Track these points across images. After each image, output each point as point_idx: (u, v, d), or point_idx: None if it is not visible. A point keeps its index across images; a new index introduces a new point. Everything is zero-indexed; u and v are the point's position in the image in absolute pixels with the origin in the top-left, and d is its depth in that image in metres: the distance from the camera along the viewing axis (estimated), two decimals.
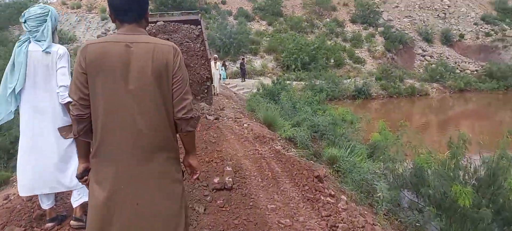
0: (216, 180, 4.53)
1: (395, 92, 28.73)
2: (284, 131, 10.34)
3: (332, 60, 32.48)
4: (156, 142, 1.98)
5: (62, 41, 29.93)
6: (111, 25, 33.71)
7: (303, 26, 37.74)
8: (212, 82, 13.18)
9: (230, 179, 4.56)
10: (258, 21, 38.95)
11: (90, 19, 35.32)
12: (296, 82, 27.74)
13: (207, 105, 11.31)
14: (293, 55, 30.21)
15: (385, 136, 10.24)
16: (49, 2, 39.44)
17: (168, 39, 13.71)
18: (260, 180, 4.72)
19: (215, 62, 15.98)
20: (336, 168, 8.32)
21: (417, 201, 7.48)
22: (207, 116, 9.26)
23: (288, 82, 24.60)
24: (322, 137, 11.80)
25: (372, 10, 39.99)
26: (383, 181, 7.36)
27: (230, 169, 4.82)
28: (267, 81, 25.83)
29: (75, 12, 36.70)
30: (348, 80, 28.77)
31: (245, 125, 8.55)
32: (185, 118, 2.02)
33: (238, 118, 9.71)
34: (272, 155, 5.60)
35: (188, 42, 13.71)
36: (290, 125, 11.50)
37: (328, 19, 40.28)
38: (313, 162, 7.84)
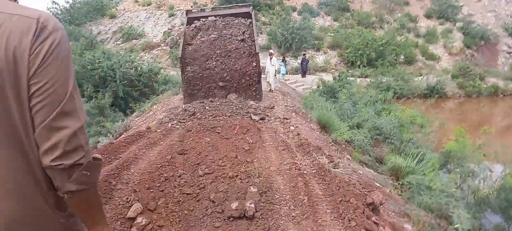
0: (234, 206, 3.44)
1: (475, 92, 25.46)
2: (340, 133, 8.99)
3: (402, 57, 29.80)
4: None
5: (131, 36, 30.85)
6: (177, 21, 34.19)
7: (372, 22, 35.21)
8: (259, 79, 12.09)
9: (253, 205, 3.43)
10: (323, 17, 37.13)
11: (158, 16, 36.11)
12: (360, 79, 25.75)
13: (255, 103, 10.27)
14: (359, 51, 28.12)
15: (462, 144, 8.44)
16: (122, 1, 41.21)
17: (217, 38, 12.90)
18: (292, 206, 3.55)
19: (271, 58, 14.88)
20: (400, 182, 6.84)
21: (506, 225, 5.95)
22: (252, 115, 8.21)
23: (351, 79, 22.79)
24: (386, 141, 10.23)
25: (450, 4, 36.16)
26: (461, 203, 5.80)
27: (256, 190, 3.70)
28: (328, 77, 24.26)
29: (145, 9, 37.81)
30: (420, 77, 26.09)
31: (291, 127, 7.34)
32: (57, 167, 1.02)
33: (286, 119, 8.52)
34: (314, 171, 4.36)
35: (236, 37, 12.84)
36: (348, 126, 10.09)
37: (399, 14, 37.23)
38: (370, 177, 6.45)
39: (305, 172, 4.30)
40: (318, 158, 4.79)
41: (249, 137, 5.87)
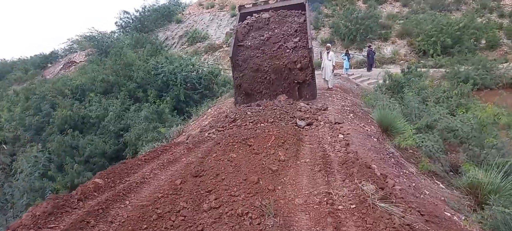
0: None
1: None
2: (404, 138, 7.57)
3: (483, 41, 26.17)
4: None
5: (196, 40, 31.23)
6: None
7: (447, 4, 31.57)
8: (312, 76, 11.01)
9: None
10: (391, 3, 34.20)
11: (221, 17, 36.17)
12: (434, 69, 23.02)
13: (306, 105, 9.17)
14: (432, 37, 25.20)
15: None
16: (188, 5, 42.12)
17: (270, 35, 11.99)
18: None
19: (328, 52, 13.57)
20: (482, 202, 5.35)
21: None
22: (298, 120, 7.17)
23: (423, 70, 20.36)
24: (462, 145, 8.51)
25: None
26: None
27: None
28: (396, 70, 22.04)
29: (208, 12, 38.15)
30: (506, 64, 22.60)
31: (340, 135, 6.17)
32: None
33: (338, 123, 7.32)
34: (353, 206, 3.26)
35: (289, 33, 11.87)
36: (415, 128, 8.56)
37: None
38: (439, 197, 5.08)
39: (340, 207, 3.22)
40: (362, 185, 3.64)
41: (283, 151, 4.88)
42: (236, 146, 5.14)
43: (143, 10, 35.38)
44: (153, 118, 15.10)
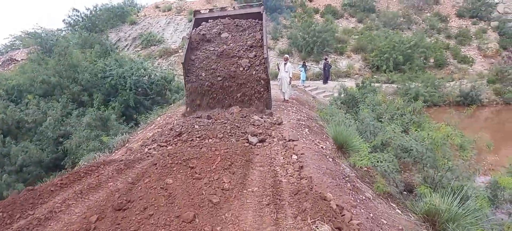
0: None
1: None
2: (360, 158, 7.20)
3: (432, 60, 27.28)
4: None
5: (150, 43, 29.91)
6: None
7: (399, 23, 32.72)
8: (267, 87, 10.63)
9: None
10: (347, 18, 34.94)
11: (178, 21, 35.06)
12: (386, 85, 23.55)
13: (260, 118, 8.61)
14: (385, 54, 25.85)
15: None
16: (143, 7, 40.57)
17: (225, 43, 11.45)
18: None
19: (285, 63, 13.18)
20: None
21: None
22: (249, 136, 6.56)
23: (376, 85, 20.67)
24: (417, 165, 8.34)
25: (484, 2, 33.07)
26: None
27: None
28: (351, 83, 22.26)
29: (165, 15, 36.89)
30: (452, 82, 23.58)
31: (294, 156, 5.63)
32: None
33: (292, 140, 6.80)
34: None
35: (245, 42, 11.44)
36: (370, 146, 8.26)
37: (428, 14, 34.55)
38: (397, 227, 4.67)
39: None
40: (316, 227, 3.07)
41: (229, 175, 4.24)
42: (175, 169, 4.41)
43: (94, 8, 33.45)
44: (96, 125, 13.86)
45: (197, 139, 6.32)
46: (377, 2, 36.80)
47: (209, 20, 12.56)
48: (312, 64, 26.80)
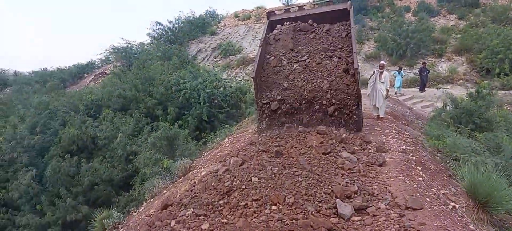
0: None
1: None
2: None
3: None
4: None
5: (229, 52, 28.58)
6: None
7: (511, 17, 26.80)
8: (358, 103, 8.04)
9: None
10: (444, 16, 29.77)
11: (256, 29, 33.32)
12: (502, 92, 18.73)
13: (350, 157, 5.85)
14: (498, 55, 20.76)
15: None
16: (224, 17, 39.81)
17: (303, 50, 9.13)
18: None
19: (381, 72, 10.09)
20: None
21: None
22: (338, 202, 3.90)
23: (484, 91, 16.21)
24: None
25: None
26: None
27: None
28: (457, 91, 18.01)
29: (244, 23, 35.48)
30: None
31: None
32: None
33: (412, 208, 3.97)
34: None
35: (328, 48, 8.97)
36: None
37: None
38: None
39: None
40: None
41: None
42: None
43: (176, 21, 33.36)
44: (161, 144, 12.27)
45: (253, 202, 3.89)
46: None
47: (285, 23, 10.19)
48: (405, 70, 22.79)
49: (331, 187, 4.20)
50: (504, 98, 17.80)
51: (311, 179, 4.34)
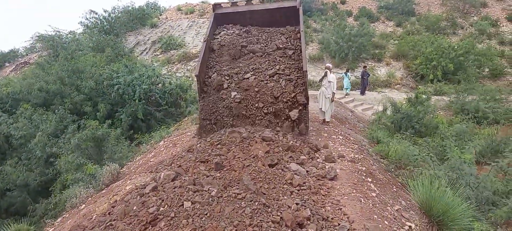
0: None
1: None
2: None
3: (487, 69, 23.08)
4: None
5: (170, 47, 27.01)
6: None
7: (443, 27, 28.56)
8: (305, 105, 7.66)
9: None
10: (383, 22, 30.98)
11: (200, 24, 32.08)
12: (435, 97, 19.65)
13: (299, 169, 5.23)
14: (432, 62, 21.86)
15: None
16: (166, 9, 37.95)
17: (250, 49, 8.45)
18: None
19: (325, 75, 9.71)
20: None
21: None
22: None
23: (423, 97, 16.84)
24: None
25: None
26: None
27: None
28: (394, 95, 18.54)
29: (187, 17, 33.99)
30: None
31: None
32: None
33: None
34: None
35: (275, 47, 8.48)
36: (488, 222, 4.79)
37: (475, 17, 30.19)
38: None
39: None
40: None
41: None
42: None
43: (113, 10, 30.86)
44: (86, 146, 10.81)
45: None
46: (417, 4, 32.69)
47: (231, 16, 9.53)
48: (343, 73, 23.17)
49: (280, 213, 3.48)
50: (437, 103, 18.65)
51: (256, 203, 3.58)
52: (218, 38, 9.13)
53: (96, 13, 29.26)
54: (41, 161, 12.64)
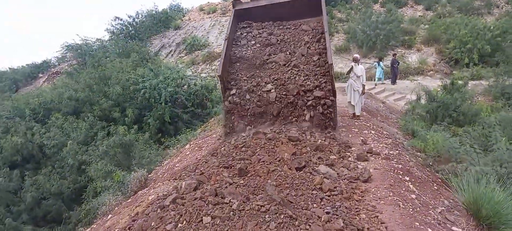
0: None
1: None
2: None
3: None
4: None
5: (194, 48, 27.06)
6: None
7: (476, 7, 26.97)
8: (332, 101, 7.30)
9: None
10: (412, 6, 29.65)
11: (223, 23, 31.98)
12: (472, 82, 18.52)
13: (329, 172, 4.85)
14: (467, 45, 20.62)
15: None
16: (189, 10, 38.15)
17: (274, 44, 8.19)
18: None
19: (355, 66, 9.23)
20: None
21: None
22: None
23: (459, 82, 15.84)
24: None
25: None
26: None
27: None
28: (427, 82, 17.64)
29: (210, 17, 34.00)
30: None
31: None
32: None
33: None
34: None
35: (299, 42, 8.17)
36: None
37: None
38: None
39: None
40: None
41: None
42: None
43: (137, 15, 31.32)
44: (115, 152, 10.86)
45: None
46: None
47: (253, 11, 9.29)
48: (375, 62, 22.31)
49: (309, 227, 3.15)
50: (475, 89, 17.56)
51: (282, 216, 3.25)
52: (239, 46, 8.85)
53: (121, 19, 29.80)
54: (73, 169, 12.88)
